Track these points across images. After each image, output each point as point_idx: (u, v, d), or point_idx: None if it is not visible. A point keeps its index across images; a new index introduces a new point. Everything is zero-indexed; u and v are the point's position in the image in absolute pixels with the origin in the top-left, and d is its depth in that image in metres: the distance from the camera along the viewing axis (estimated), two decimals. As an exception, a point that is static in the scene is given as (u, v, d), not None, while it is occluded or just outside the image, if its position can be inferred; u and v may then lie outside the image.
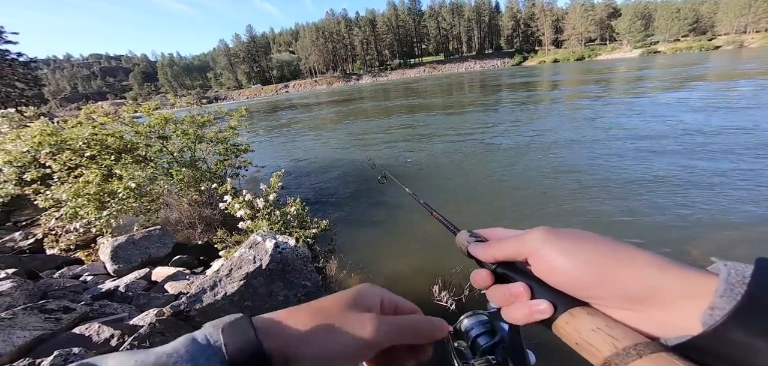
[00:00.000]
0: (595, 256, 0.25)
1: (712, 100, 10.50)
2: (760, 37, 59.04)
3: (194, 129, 4.48)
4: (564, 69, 42.48)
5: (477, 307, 0.45)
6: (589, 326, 0.24)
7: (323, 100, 36.60)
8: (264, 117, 25.78)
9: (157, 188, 4.06)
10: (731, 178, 4.65)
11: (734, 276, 0.20)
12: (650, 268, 0.23)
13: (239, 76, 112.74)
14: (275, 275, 2.28)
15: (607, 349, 0.23)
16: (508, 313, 0.30)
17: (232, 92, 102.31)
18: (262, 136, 15.43)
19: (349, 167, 7.80)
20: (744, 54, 37.08)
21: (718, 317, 0.19)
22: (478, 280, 0.33)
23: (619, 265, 0.24)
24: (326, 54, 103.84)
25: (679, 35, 73.04)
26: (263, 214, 2.73)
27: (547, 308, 0.27)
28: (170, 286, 2.70)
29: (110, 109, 5.79)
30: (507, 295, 0.30)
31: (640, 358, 0.21)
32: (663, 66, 29.57)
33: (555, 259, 0.26)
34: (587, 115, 10.55)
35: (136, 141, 4.28)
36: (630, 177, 5.10)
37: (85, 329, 1.94)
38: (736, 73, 18.14)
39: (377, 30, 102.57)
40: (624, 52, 69.54)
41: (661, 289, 0.22)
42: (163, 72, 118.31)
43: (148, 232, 3.42)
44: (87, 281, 2.93)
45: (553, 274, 0.27)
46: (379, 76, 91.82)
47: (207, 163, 4.75)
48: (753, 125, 6.92)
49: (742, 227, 3.49)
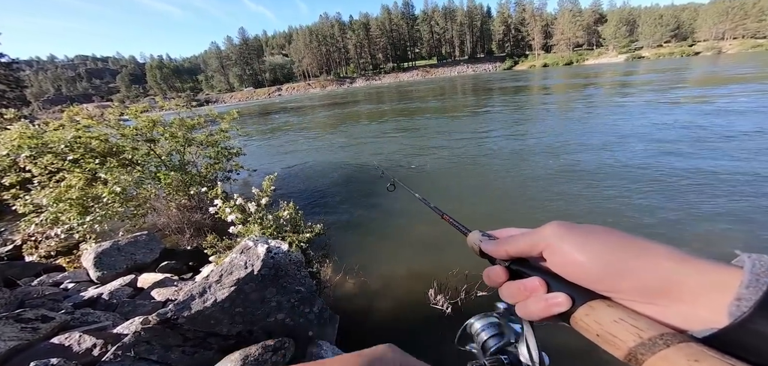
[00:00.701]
0: (614, 248, 0.25)
1: (697, 104, 10.88)
2: (738, 44, 61.78)
3: (183, 132, 4.37)
4: (554, 73, 43.44)
5: (474, 311, 0.44)
6: (611, 317, 0.24)
7: (317, 104, 36.48)
8: (256, 120, 25.51)
9: (144, 192, 3.93)
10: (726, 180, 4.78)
11: (759, 267, 0.20)
12: (671, 262, 0.22)
13: (231, 78, 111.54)
14: (268, 281, 2.22)
15: (632, 339, 0.22)
16: (524, 309, 0.29)
17: (224, 95, 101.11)
18: (255, 139, 15.25)
19: (344, 171, 7.75)
20: (722, 60, 38.60)
21: (746, 308, 0.19)
22: (492, 277, 0.33)
23: (638, 258, 0.23)
24: (320, 57, 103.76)
25: (661, 41, 75.70)
26: (255, 218, 2.67)
27: (564, 301, 0.26)
28: (157, 293, 2.60)
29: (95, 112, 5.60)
30: (521, 291, 0.29)
31: (668, 347, 0.20)
32: (647, 70, 30.54)
33: (571, 253, 0.26)
34: (580, 116, 10.78)
35: (123, 144, 4.15)
36: (642, 176, 5.16)
37: (65, 339, 1.85)
38: (721, 78, 18.84)
39: (371, 34, 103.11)
40: (610, 57, 71.65)
41: (684, 282, 0.22)
42: (151, 74, 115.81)
43: (134, 237, 3.30)
44: (68, 289, 2.80)
45: (570, 268, 0.26)
46: (372, 80, 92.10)
47: (197, 166, 4.64)
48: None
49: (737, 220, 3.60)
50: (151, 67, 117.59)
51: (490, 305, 0.38)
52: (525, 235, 0.30)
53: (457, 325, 2.57)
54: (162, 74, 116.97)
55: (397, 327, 2.71)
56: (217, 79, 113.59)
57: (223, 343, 2.07)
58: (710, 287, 0.21)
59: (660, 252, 0.23)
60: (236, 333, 2.09)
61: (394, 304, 2.96)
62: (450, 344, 2.45)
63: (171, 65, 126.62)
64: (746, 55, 46.36)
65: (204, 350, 2.03)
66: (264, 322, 2.13)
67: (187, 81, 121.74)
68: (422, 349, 2.47)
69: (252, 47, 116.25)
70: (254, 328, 2.11)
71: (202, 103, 77.39)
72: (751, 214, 3.75)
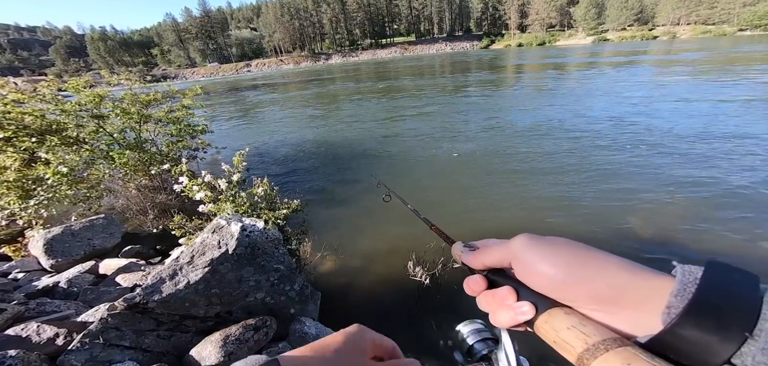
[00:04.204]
0: (572, 259, 0.27)
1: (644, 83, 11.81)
2: (690, 29, 66.84)
3: (138, 108, 3.95)
4: (528, 54, 44.48)
5: (451, 281, 0.47)
6: (565, 324, 0.26)
7: (290, 80, 34.61)
8: (225, 97, 23.77)
9: (96, 173, 3.56)
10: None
11: (687, 276, 0.22)
12: (621, 272, 0.25)
13: (192, 53, 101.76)
14: (244, 260, 2.16)
15: (580, 345, 0.24)
16: (495, 318, 0.31)
17: (185, 71, 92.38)
18: (223, 117, 14.26)
19: (322, 149, 7.56)
20: (675, 44, 41.76)
21: (674, 315, 0.21)
22: (471, 286, 0.34)
23: (593, 269, 0.26)
24: (293, 32, 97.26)
25: (625, 24, 79.74)
26: (227, 196, 2.54)
27: (529, 310, 0.28)
28: (122, 279, 2.45)
29: (26, 87, 4.87)
30: (494, 299, 0.31)
31: (607, 351, 0.23)
32: (612, 53, 32.28)
33: (536, 263, 0.28)
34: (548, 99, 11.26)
35: (64, 121, 3.68)
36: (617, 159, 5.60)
37: (21, 330, 1.71)
38: (669, 61, 20.41)
39: (347, 7, 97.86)
40: (579, 38, 74.59)
41: (630, 290, 0.24)
42: (94, 46, 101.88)
43: (90, 221, 3.03)
44: (18, 278, 2.55)
45: (535, 277, 0.28)
46: (349, 56, 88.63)
47: (157, 144, 4.26)
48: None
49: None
50: (92, 39, 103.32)
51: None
52: (498, 247, 0.32)
53: (435, 295, 2.71)
54: (107, 47, 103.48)
55: (379, 299, 2.78)
56: (175, 53, 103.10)
57: (201, 325, 2.02)
58: (650, 295, 0.23)
59: (613, 263, 0.25)
60: (214, 314, 2.04)
61: (374, 277, 3.03)
62: (428, 314, 2.57)
63: (117, 38, 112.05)
64: (696, 39, 50.92)
65: (181, 333, 1.97)
66: (243, 302, 2.09)
67: (138, 55, 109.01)
68: (402, 318, 2.57)
69: (215, 20, 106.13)
70: (233, 309, 2.07)
71: (158, 78, 70.22)
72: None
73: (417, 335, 2.39)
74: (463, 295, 0.35)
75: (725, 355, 0.19)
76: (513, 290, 0.30)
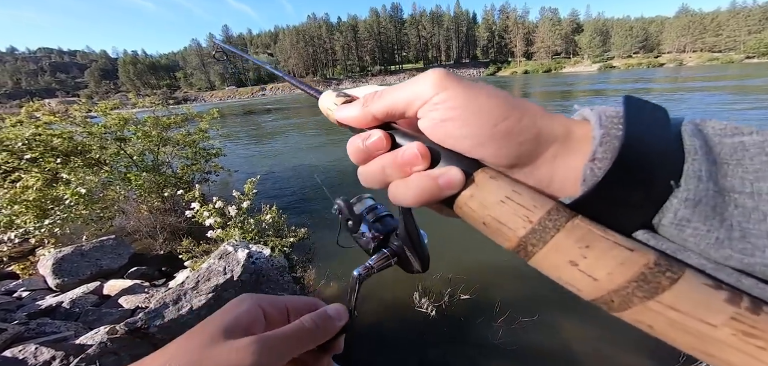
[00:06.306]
0: (499, 100, 0.19)
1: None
2: (696, 56, 67.17)
3: (158, 130, 4.13)
4: (535, 80, 45.22)
5: (459, 312, 0.43)
6: (496, 197, 0.19)
7: (301, 105, 35.89)
8: (239, 121, 24.73)
9: (111, 194, 3.67)
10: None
11: (606, 120, 0.18)
12: (542, 114, 0.19)
13: (212, 76, 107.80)
14: (248, 287, 2.13)
15: (521, 226, 0.18)
16: (402, 191, 0.21)
17: (204, 93, 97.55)
18: (236, 140, 14.75)
19: (330, 174, 7.65)
20: (682, 71, 41.80)
21: (601, 168, 0.17)
22: (368, 147, 0.23)
23: (519, 111, 0.19)
24: (306, 58, 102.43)
25: (631, 51, 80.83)
26: (235, 222, 2.55)
27: (458, 176, 0.19)
28: (125, 301, 2.43)
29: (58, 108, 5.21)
30: (396, 164, 0.21)
31: (558, 231, 0.17)
32: (619, 81, 32.47)
33: (454, 109, 0.20)
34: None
35: (89, 143, 3.86)
36: None
37: (19, 351, 1.69)
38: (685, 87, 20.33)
39: (359, 36, 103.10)
40: (585, 65, 75.65)
41: (548, 137, 0.19)
42: (124, 69, 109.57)
43: (100, 241, 3.07)
44: (23, 298, 2.57)
45: (455, 128, 0.20)
46: (359, 82, 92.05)
47: (172, 167, 4.40)
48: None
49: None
50: (124, 63, 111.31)
51: (477, 310, 0.36)
52: (397, 90, 0.22)
53: (441, 328, 2.59)
54: (136, 70, 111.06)
55: (383, 329, 2.68)
56: (196, 77, 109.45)
57: (200, 353, 1.96)
58: (569, 143, 0.19)
59: (528, 103, 0.20)
60: (214, 342, 1.98)
61: (379, 306, 2.94)
62: (434, 346, 2.45)
63: (146, 61, 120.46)
64: (704, 67, 50.88)
65: (179, 361, 1.91)
66: (244, 330, 2.04)
67: (163, 78, 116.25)
68: (407, 349, 2.47)
69: (235, 45, 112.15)
70: (233, 337, 2.02)
71: (180, 101, 74.18)
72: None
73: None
74: (472, 329, 0.31)
75: (652, 211, 0.16)
76: (427, 150, 0.21)
